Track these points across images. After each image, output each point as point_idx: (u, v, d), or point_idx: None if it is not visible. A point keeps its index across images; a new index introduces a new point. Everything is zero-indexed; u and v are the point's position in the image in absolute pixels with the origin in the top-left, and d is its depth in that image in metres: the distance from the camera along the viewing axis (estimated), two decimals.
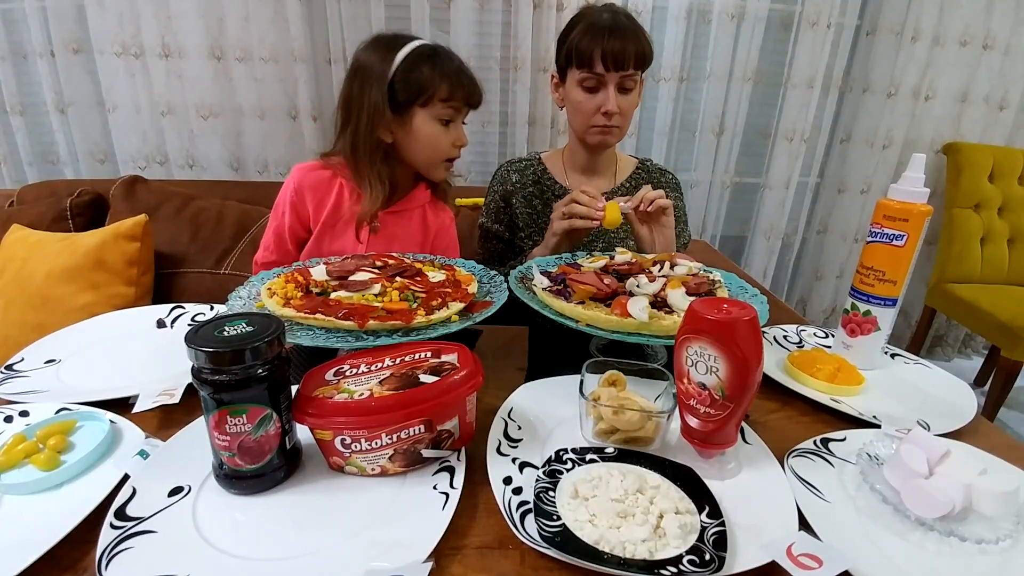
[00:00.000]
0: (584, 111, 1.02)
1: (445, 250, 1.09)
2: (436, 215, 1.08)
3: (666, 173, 1.19)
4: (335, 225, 1.00)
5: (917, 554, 0.46)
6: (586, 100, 1.01)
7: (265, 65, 1.80)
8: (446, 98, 0.91)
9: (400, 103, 0.91)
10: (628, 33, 0.97)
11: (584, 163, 1.14)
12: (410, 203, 1.04)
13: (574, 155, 1.15)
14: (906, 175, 0.73)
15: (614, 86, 0.98)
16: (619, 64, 0.96)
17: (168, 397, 0.61)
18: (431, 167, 0.99)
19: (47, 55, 1.77)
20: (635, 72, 0.99)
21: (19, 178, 1.93)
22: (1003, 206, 2.14)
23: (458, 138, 0.97)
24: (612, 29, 0.96)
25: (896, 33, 2.02)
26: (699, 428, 0.54)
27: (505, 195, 1.16)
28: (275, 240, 1.04)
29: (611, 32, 0.96)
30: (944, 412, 0.68)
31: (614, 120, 1.01)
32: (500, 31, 1.88)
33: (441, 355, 0.56)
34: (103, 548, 0.42)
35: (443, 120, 0.94)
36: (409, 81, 0.89)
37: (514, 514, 0.47)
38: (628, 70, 0.97)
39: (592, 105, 1.01)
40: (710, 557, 0.42)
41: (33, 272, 1.29)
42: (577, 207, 0.90)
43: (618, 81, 0.98)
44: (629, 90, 1.01)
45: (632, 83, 1.00)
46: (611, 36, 0.95)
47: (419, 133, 0.93)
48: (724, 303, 0.52)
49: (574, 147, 1.14)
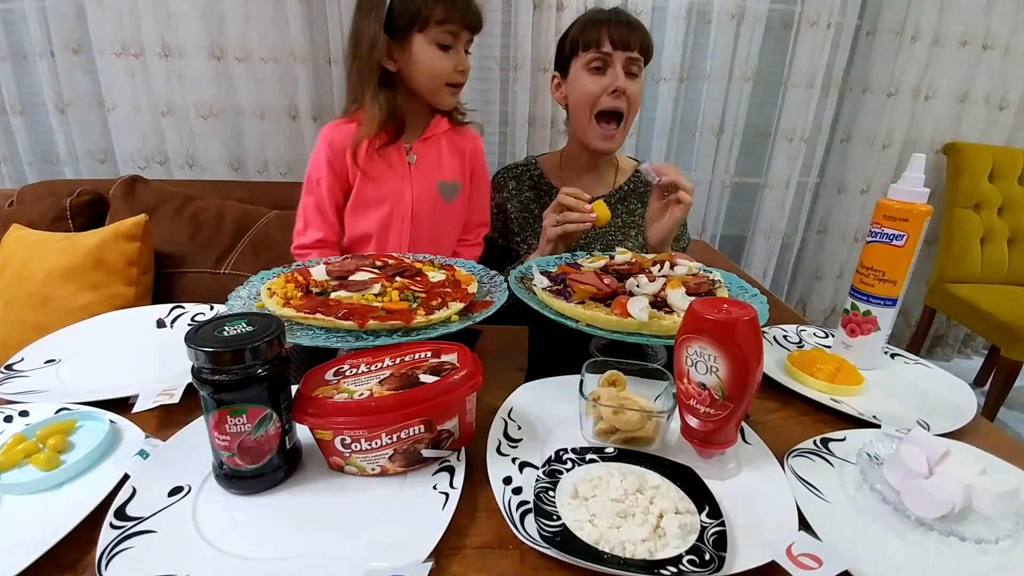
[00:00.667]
0: (591, 94, 1.02)
1: (481, 179, 1.13)
2: (464, 139, 1.10)
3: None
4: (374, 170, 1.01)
5: (917, 554, 0.46)
6: (593, 81, 1.01)
7: (265, 65, 1.80)
8: (442, 20, 0.93)
9: (399, 29, 0.94)
10: (633, 21, 1.00)
11: (583, 167, 1.13)
12: (435, 130, 1.06)
13: (573, 159, 1.14)
14: (906, 175, 0.73)
15: (621, 65, 0.99)
16: (626, 44, 0.98)
17: (168, 397, 0.61)
18: (435, 93, 1.00)
19: (47, 55, 1.77)
20: (639, 58, 1.00)
21: (19, 178, 1.93)
22: (1003, 206, 2.14)
23: (459, 63, 0.99)
24: (616, 16, 1.00)
25: (896, 33, 2.02)
26: (699, 428, 0.54)
27: (501, 202, 1.16)
28: (316, 215, 1.03)
29: (616, 17, 1.00)
30: (944, 412, 0.68)
31: (620, 103, 1.01)
32: (500, 31, 1.88)
33: (441, 355, 0.56)
34: (103, 548, 0.42)
35: (442, 45, 0.95)
36: (406, 7, 0.92)
37: (514, 514, 0.47)
38: (634, 52, 0.98)
39: (599, 86, 1.00)
40: (710, 557, 0.42)
41: (33, 272, 1.29)
42: (569, 214, 0.90)
43: (624, 63, 0.99)
44: (635, 75, 1.01)
45: (637, 69, 1.01)
46: (616, 21, 0.99)
47: (419, 58, 0.95)
48: (724, 303, 0.52)
49: (574, 150, 1.13)
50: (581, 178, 1.15)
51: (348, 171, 1.01)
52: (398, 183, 1.02)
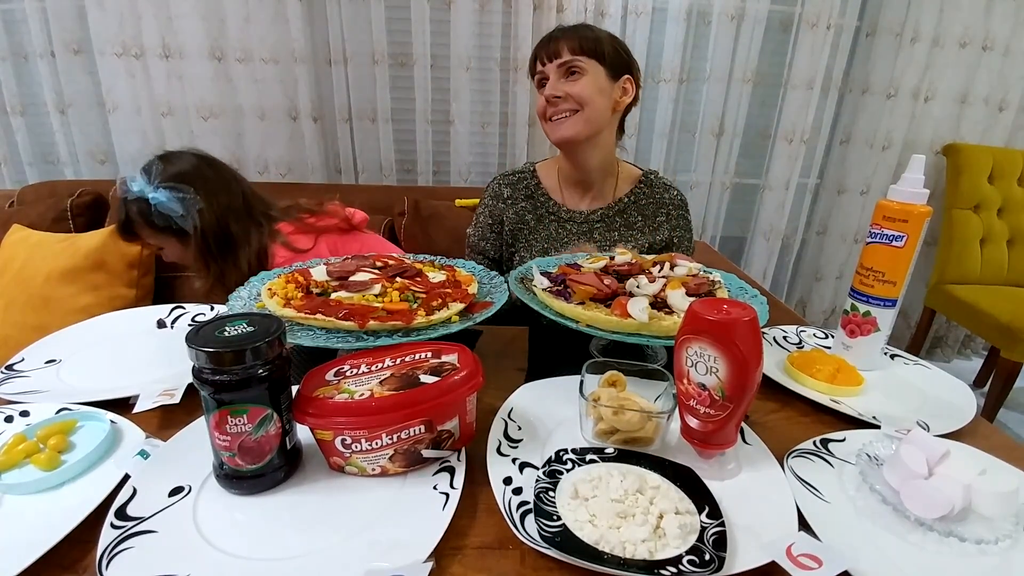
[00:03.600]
0: (538, 107, 1.04)
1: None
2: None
3: (671, 190, 1.12)
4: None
5: (917, 554, 0.46)
6: (539, 97, 1.04)
7: (265, 66, 1.80)
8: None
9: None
10: (567, 31, 1.01)
11: (575, 176, 1.10)
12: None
13: (563, 168, 1.13)
14: (906, 176, 0.73)
15: (555, 74, 1.01)
16: (552, 54, 1.00)
17: (168, 397, 0.61)
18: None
19: (47, 55, 1.77)
20: (575, 58, 0.99)
21: (19, 178, 1.93)
22: (1003, 207, 2.14)
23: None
24: (549, 34, 1.02)
25: (896, 34, 2.03)
26: (699, 428, 0.54)
27: (496, 212, 1.13)
28: None
29: (548, 35, 1.02)
30: (944, 413, 0.68)
31: (561, 105, 1.00)
32: (500, 32, 1.89)
33: (441, 355, 0.56)
34: (103, 548, 0.42)
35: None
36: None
37: (514, 514, 0.47)
38: (564, 57, 0.99)
39: (542, 100, 1.03)
40: (710, 557, 0.42)
41: (34, 273, 1.29)
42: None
43: (558, 71, 1.00)
44: (576, 73, 1.00)
45: (578, 67, 1.00)
46: (547, 39, 1.02)
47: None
48: (724, 304, 0.52)
49: (561, 159, 1.13)
50: (578, 190, 1.12)
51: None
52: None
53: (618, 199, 1.11)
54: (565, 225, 1.11)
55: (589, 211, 1.10)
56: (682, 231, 1.12)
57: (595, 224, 1.10)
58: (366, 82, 1.88)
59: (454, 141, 1.99)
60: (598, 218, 1.10)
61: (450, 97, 1.93)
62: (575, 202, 1.13)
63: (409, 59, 1.88)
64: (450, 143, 2.00)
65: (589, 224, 1.10)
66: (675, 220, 1.11)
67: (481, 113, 1.98)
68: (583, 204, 1.12)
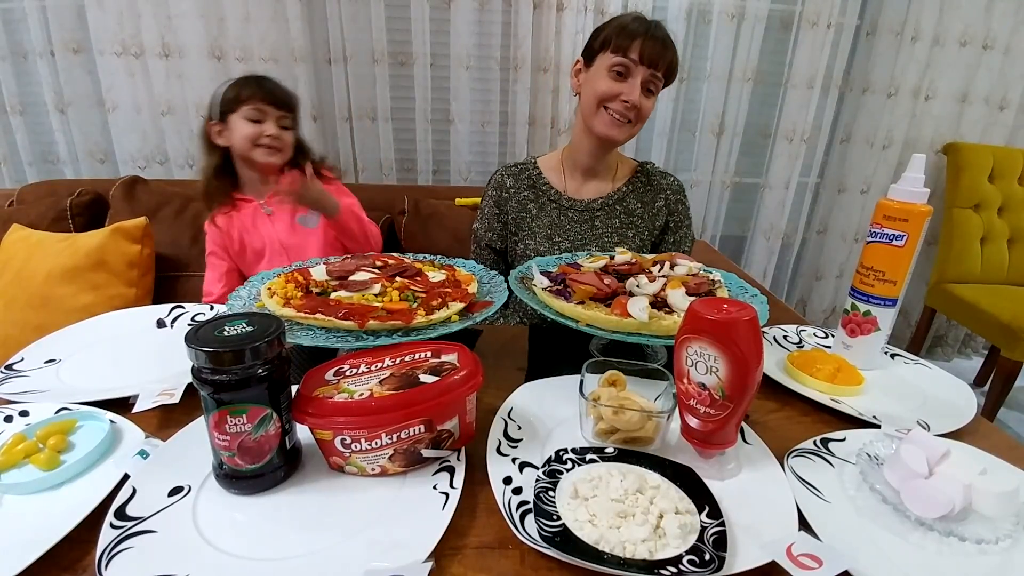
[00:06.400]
0: (605, 94, 1.02)
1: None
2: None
3: (667, 176, 1.16)
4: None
5: (917, 554, 0.46)
6: (609, 85, 1.02)
7: (265, 65, 1.80)
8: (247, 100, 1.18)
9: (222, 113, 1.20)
10: (667, 40, 1.01)
11: (585, 162, 1.13)
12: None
13: (575, 154, 1.14)
14: (906, 175, 0.73)
15: (640, 80, 1.00)
16: (653, 62, 0.99)
17: (168, 397, 0.61)
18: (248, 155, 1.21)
19: (47, 55, 1.77)
20: (661, 78, 1.01)
21: (19, 178, 1.93)
22: (1003, 206, 2.14)
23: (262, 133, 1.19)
24: (655, 30, 1.00)
25: (896, 33, 2.02)
26: (699, 428, 0.54)
27: (499, 200, 1.16)
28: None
29: (654, 30, 1.00)
30: (944, 412, 0.68)
31: (630, 114, 1.01)
32: (500, 31, 1.89)
33: (441, 355, 0.56)
34: (103, 548, 0.42)
35: (252, 120, 1.18)
36: (225, 97, 1.20)
37: (514, 514, 0.47)
38: (659, 71, 1.00)
39: (615, 89, 1.01)
40: (710, 557, 0.42)
41: (34, 272, 1.29)
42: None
43: (645, 77, 1.00)
44: (651, 93, 1.02)
45: (655, 87, 1.02)
46: (652, 34, 0.99)
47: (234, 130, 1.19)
48: (724, 303, 0.52)
49: (577, 144, 1.13)
50: (580, 179, 1.15)
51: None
52: (265, 231, 1.25)
53: (617, 188, 1.14)
54: (567, 212, 1.13)
55: (590, 200, 1.13)
56: (680, 216, 1.14)
57: (596, 212, 1.12)
58: (366, 81, 1.88)
59: (454, 140, 1.99)
60: (599, 207, 1.12)
61: (450, 96, 1.93)
62: (576, 191, 1.15)
63: (409, 58, 1.88)
64: (450, 142, 2.00)
65: (591, 212, 1.12)
66: (673, 205, 1.13)
67: (481, 112, 1.98)
68: (584, 193, 1.14)
